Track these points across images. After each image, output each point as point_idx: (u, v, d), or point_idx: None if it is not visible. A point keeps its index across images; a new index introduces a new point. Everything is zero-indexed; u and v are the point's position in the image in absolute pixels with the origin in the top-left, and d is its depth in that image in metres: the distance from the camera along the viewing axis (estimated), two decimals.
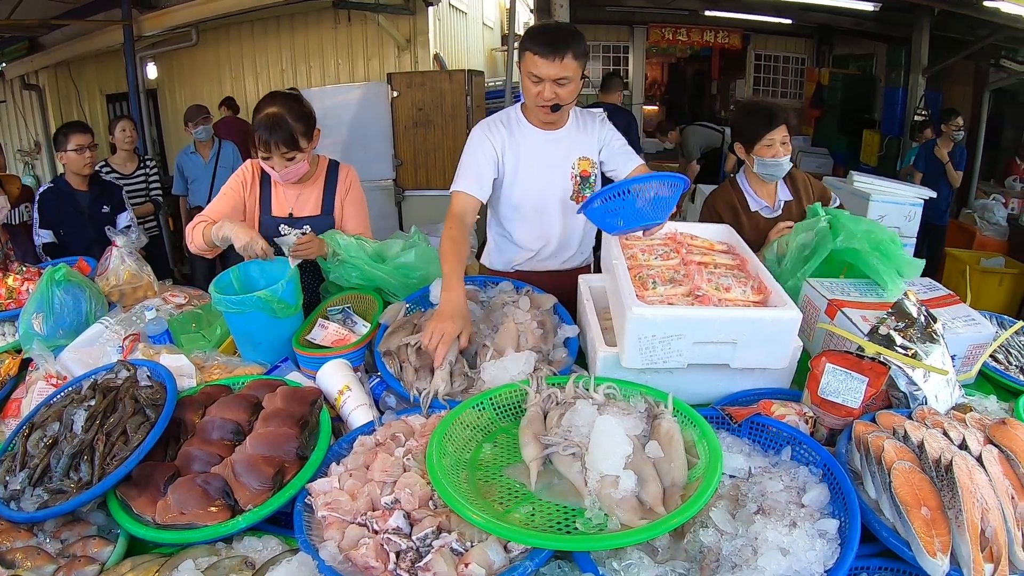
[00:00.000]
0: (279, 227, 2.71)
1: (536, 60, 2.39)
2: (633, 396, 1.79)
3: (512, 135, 2.66)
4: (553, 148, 2.67)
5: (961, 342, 2.17)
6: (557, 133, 2.67)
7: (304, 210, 2.79)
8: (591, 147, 2.71)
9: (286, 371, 2.19)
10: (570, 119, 2.69)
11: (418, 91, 7.04)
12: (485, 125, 2.70)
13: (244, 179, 2.75)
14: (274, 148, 2.51)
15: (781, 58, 13.76)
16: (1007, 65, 7.94)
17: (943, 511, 1.38)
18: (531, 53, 2.40)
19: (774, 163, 2.88)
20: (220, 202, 2.71)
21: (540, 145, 2.67)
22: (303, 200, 2.80)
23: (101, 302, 2.65)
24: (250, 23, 8.90)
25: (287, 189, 2.77)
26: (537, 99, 2.48)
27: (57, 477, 1.64)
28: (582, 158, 2.69)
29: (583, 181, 2.71)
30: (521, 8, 10.26)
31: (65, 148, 4.13)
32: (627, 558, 1.38)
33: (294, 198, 2.79)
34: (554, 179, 2.69)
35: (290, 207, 2.78)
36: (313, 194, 2.81)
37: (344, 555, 1.39)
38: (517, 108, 2.72)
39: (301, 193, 2.79)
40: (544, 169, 2.68)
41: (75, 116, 8.89)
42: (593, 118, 2.75)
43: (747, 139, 2.92)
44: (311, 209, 2.80)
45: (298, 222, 2.75)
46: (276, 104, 2.54)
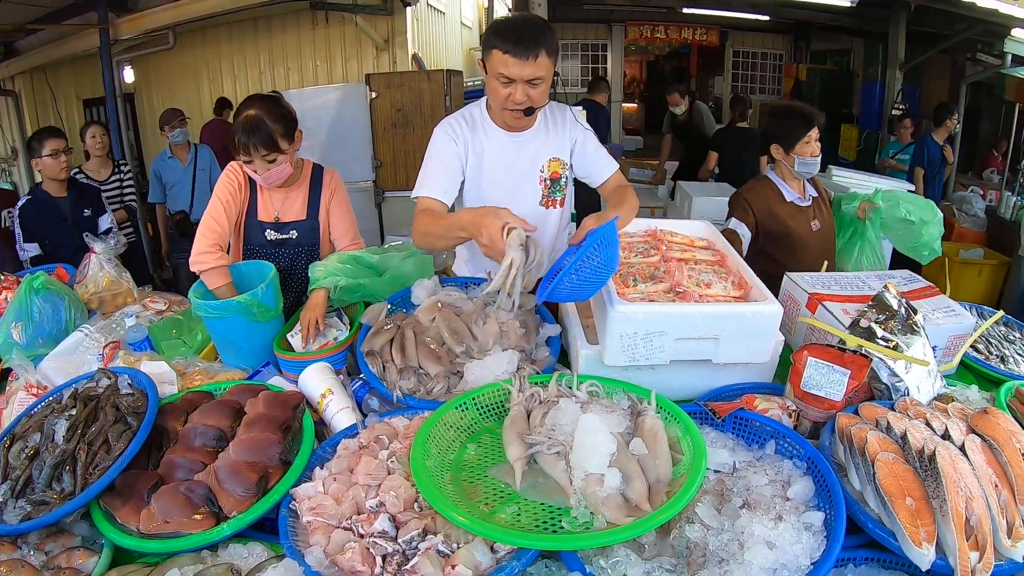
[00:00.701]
0: (265, 232, 2.71)
1: (506, 59, 2.18)
2: (616, 393, 1.80)
3: (475, 136, 2.48)
4: (520, 151, 2.52)
5: (942, 333, 2.19)
6: (524, 135, 2.51)
7: (290, 214, 2.76)
8: (562, 146, 2.56)
9: (268, 376, 2.18)
10: (538, 117, 2.51)
11: (397, 92, 7.01)
12: (447, 124, 2.49)
13: (238, 183, 2.66)
14: (254, 151, 2.46)
15: (759, 54, 13.90)
16: (983, 59, 8.02)
17: (927, 501, 1.39)
18: (500, 51, 2.18)
19: (813, 161, 3.19)
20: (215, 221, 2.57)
21: (506, 148, 2.50)
22: (288, 204, 2.76)
23: (80, 310, 2.62)
24: (227, 25, 8.85)
25: (273, 194, 2.73)
26: (507, 102, 2.29)
27: (39, 488, 1.61)
28: (552, 159, 2.55)
29: (553, 184, 2.59)
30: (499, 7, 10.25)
31: (40, 154, 4.08)
32: (614, 556, 1.38)
33: (280, 202, 2.75)
34: (521, 185, 2.56)
35: (276, 211, 2.74)
36: (298, 198, 2.77)
37: (330, 560, 1.38)
38: (481, 106, 2.52)
39: (287, 197, 2.75)
40: (510, 175, 2.53)
41: (52, 121, 8.78)
42: (564, 113, 2.59)
43: (786, 141, 3.19)
44: (297, 213, 2.76)
45: (284, 227, 2.74)
46: (255, 107, 2.50)
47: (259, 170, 2.53)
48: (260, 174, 2.54)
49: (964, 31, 7.61)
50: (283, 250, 2.75)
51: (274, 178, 2.59)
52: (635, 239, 2.39)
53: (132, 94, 9.34)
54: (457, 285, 2.49)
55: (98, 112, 8.90)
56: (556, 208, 2.66)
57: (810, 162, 3.18)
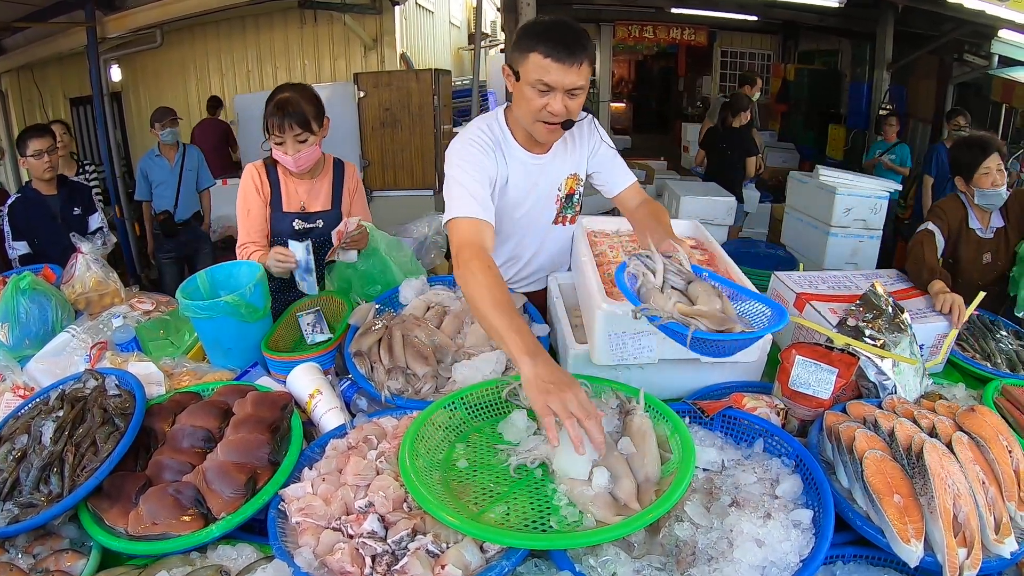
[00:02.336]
0: (292, 222, 2.75)
1: (548, 64, 1.93)
2: (604, 392, 1.79)
3: (503, 157, 2.25)
4: (540, 173, 2.33)
5: (928, 332, 2.21)
6: (544, 157, 2.31)
7: (315, 204, 2.80)
8: (580, 162, 2.40)
9: (256, 376, 2.17)
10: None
11: (385, 91, 7.00)
12: (479, 144, 2.18)
13: (256, 183, 2.71)
14: (288, 129, 2.53)
15: (747, 54, 13.94)
16: (970, 59, 8.06)
17: (915, 498, 1.40)
18: (540, 55, 1.93)
19: (993, 193, 3.03)
20: (251, 220, 2.70)
21: (528, 172, 2.31)
22: (314, 194, 2.80)
23: (67, 310, 2.61)
24: (215, 24, 8.82)
25: (298, 184, 2.77)
26: (543, 113, 2.03)
27: (27, 490, 1.60)
28: (570, 176, 2.39)
29: (567, 201, 2.44)
30: (488, 7, 10.25)
31: (24, 154, 4.06)
32: (603, 555, 1.38)
33: (305, 193, 2.78)
34: (538, 205, 2.41)
35: (301, 201, 2.78)
36: (323, 188, 2.82)
37: (320, 561, 1.37)
38: (501, 121, 2.27)
39: (312, 188, 2.80)
40: (529, 197, 2.36)
41: (38, 120, 8.72)
42: (582, 125, 2.34)
43: (966, 171, 3.09)
44: (322, 203, 2.82)
45: (311, 216, 2.78)
46: (289, 90, 2.59)
47: (290, 151, 2.58)
48: (291, 155, 2.58)
49: (951, 32, 7.64)
50: (308, 237, 2.67)
51: (304, 160, 2.63)
52: (623, 238, 2.39)
53: (120, 93, 9.29)
54: (445, 284, 2.50)
55: (85, 111, 8.86)
56: (566, 226, 2.51)
57: (990, 194, 3.04)
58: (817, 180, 5.23)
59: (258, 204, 2.71)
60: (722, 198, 5.89)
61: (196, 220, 5.84)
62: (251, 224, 2.69)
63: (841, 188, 4.98)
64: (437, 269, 5.43)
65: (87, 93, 8.02)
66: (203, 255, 5.84)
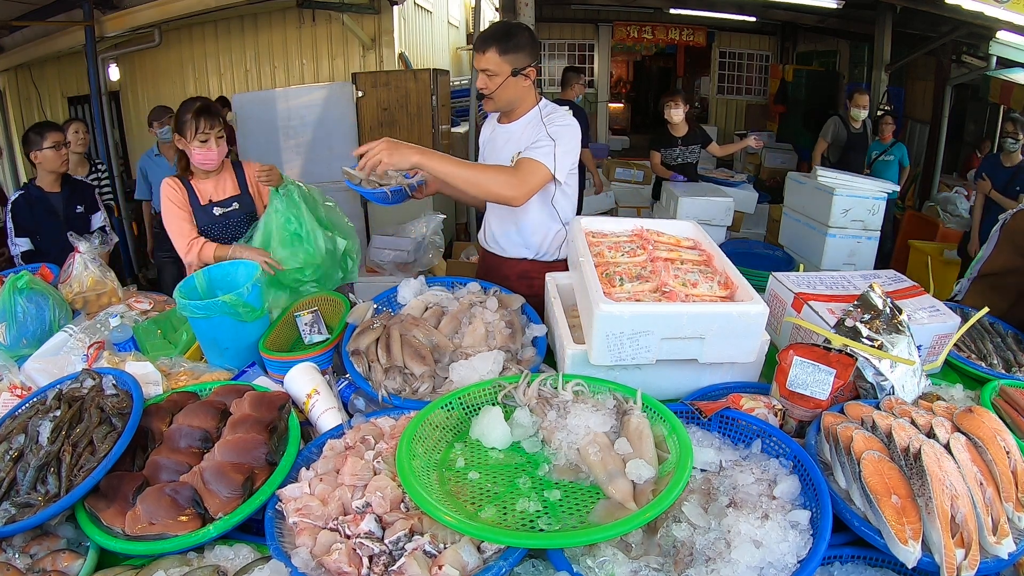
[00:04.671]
0: (212, 210, 3.14)
1: (473, 55, 2.69)
2: (602, 393, 1.80)
3: (492, 127, 2.94)
4: (501, 141, 2.83)
5: (926, 332, 2.21)
6: (508, 127, 2.81)
7: (224, 194, 3.20)
8: (526, 143, 2.68)
9: (253, 376, 2.17)
10: (528, 115, 2.75)
11: (383, 91, 6.99)
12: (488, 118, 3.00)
13: (175, 191, 3.11)
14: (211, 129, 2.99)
15: (745, 55, 13.95)
16: (968, 60, 8.08)
17: (913, 499, 1.40)
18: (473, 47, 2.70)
19: None
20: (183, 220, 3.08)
21: (497, 137, 2.87)
22: (218, 187, 3.20)
23: (65, 310, 2.61)
24: (213, 23, 8.79)
25: (204, 182, 3.16)
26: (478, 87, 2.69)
27: (24, 490, 1.60)
28: (519, 153, 2.67)
29: None
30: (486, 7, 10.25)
31: (41, 147, 4.03)
32: (601, 555, 1.39)
33: (211, 189, 3.17)
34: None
35: (210, 196, 3.16)
36: (224, 181, 3.22)
37: (317, 561, 1.37)
38: None
39: (216, 183, 3.19)
40: (491, 160, 2.86)
41: (36, 119, 8.70)
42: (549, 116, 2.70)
43: None
44: (231, 191, 3.23)
45: (225, 202, 3.19)
46: (200, 100, 3.08)
47: (213, 146, 3.03)
48: (214, 150, 3.04)
49: (949, 33, 7.66)
50: (229, 221, 3.18)
51: (221, 155, 3.09)
52: (622, 239, 2.39)
53: (118, 92, 9.27)
54: (443, 285, 2.50)
55: (83, 110, 8.84)
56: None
57: None
58: (815, 181, 5.22)
59: (183, 206, 3.10)
60: (720, 199, 5.90)
61: None
62: (187, 224, 3.07)
63: (839, 189, 4.97)
64: (435, 270, 5.42)
65: (85, 92, 8.01)
66: None
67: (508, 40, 2.55)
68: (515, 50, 2.56)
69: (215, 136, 3.01)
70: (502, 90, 2.62)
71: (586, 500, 1.51)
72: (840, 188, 4.99)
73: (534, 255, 2.88)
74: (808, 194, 5.34)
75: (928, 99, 8.84)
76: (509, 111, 2.78)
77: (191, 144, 3.00)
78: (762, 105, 13.55)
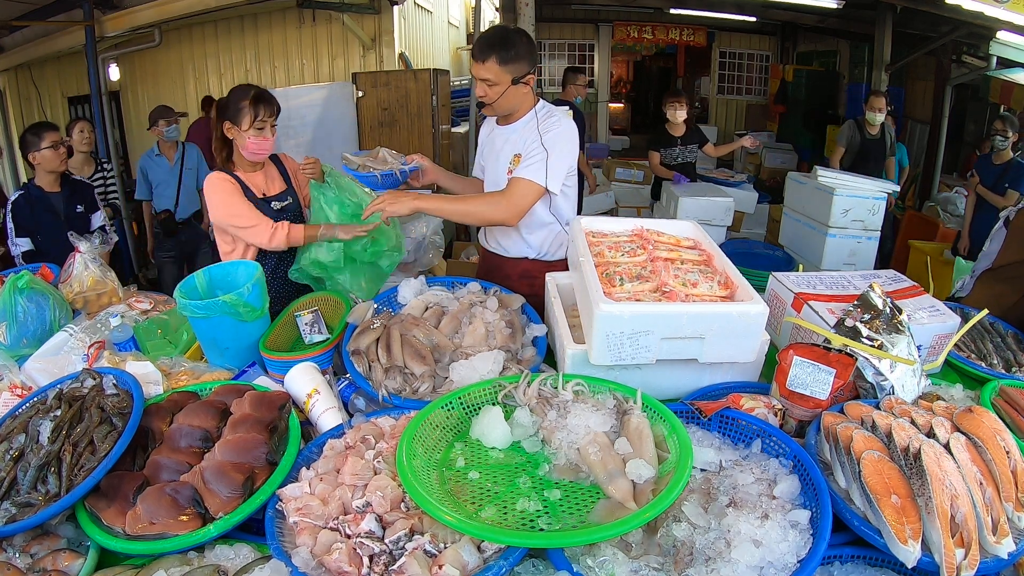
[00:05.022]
0: (271, 204, 2.95)
1: (471, 61, 2.64)
2: (602, 392, 1.80)
3: (490, 127, 2.94)
4: (500, 142, 2.84)
5: (926, 332, 2.21)
6: (507, 129, 2.81)
7: (273, 189, 3.03)
8: (522, 147, 2.72)
9: (253, 376, 2.17)
10: (525, 118, 2.75)
11: (383, 91, 6.99)
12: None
13: (231, 185, 2.88)
14: (265, 113, 2.81)
15: (746, 55, 13.95)
16: (968, 61, 8.07)
17: (913, 499, 1.40)
18: (470, 55, 2.67)
19: None
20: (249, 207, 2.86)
21: (495, 138, 2.88)
22: (269, 182, 3.04)
23: (65, 309, 2.61)
24: (214, 23, 8.80)
25: (253, 177, 2.97)
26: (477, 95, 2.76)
27: (24, 490, 1.60)
28: (516, 155, 2.73)
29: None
30: (486, 7, 10.25)
31: (39, 147, 4.04)
32: (601, 554, 1.39)
33: (262, 183, 3.00)
34: (495, 169, 2.86)
35: (263, 189, 2.98)
36: (272, 175, 3.08)
37: (317, 560, 1.37)
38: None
39: (264, 177, 3.03)
40: (489, 159, 2.91)
41: (36, 119, 8.70)
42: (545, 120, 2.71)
43: None
44: (279, 187, 3.06)
45: (281, 196, 3.02)
46: (253, 88, 2.87)
47: (269, 135, 2.86)
48: (270, 139, 2.88)
49: (949, 33, 7.65)
50: (285, 216, 2.97)
51: (272, 146, 2.92)
52: (622, 239, 2.39)
53: (118, 92, 9.27)
54: (443, 285, 2.50)
55: (83, 110, 8.84)
56: None
57: None
58: (815, 181, 5.22)
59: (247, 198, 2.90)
60: (720, 199, 5.90)
61: (196, 219, 5.83)
62: (251, 210, 2.85)
63: (839, 189, 4.97)
64: (435, 270, 5.41)
65: (85, 92, 8.00)
66: (202, 254, 5.83)
67: (508, 50, 2.54)
68: (515, 59, 2.55)
69: (271, 124, 2.87)
70: (503, 99, 2.63)
71: (586, 500, 1.51)
72: (840, 188, 4.99)
73: (536, 255, 2.89)
74: (808, 194, 5.33)
75: (928, 99, 8.84)
76: (508, 114, 2.78)
77: (246, 133, 2.81)
78: (762, 105, 13.55)
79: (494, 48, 2.53)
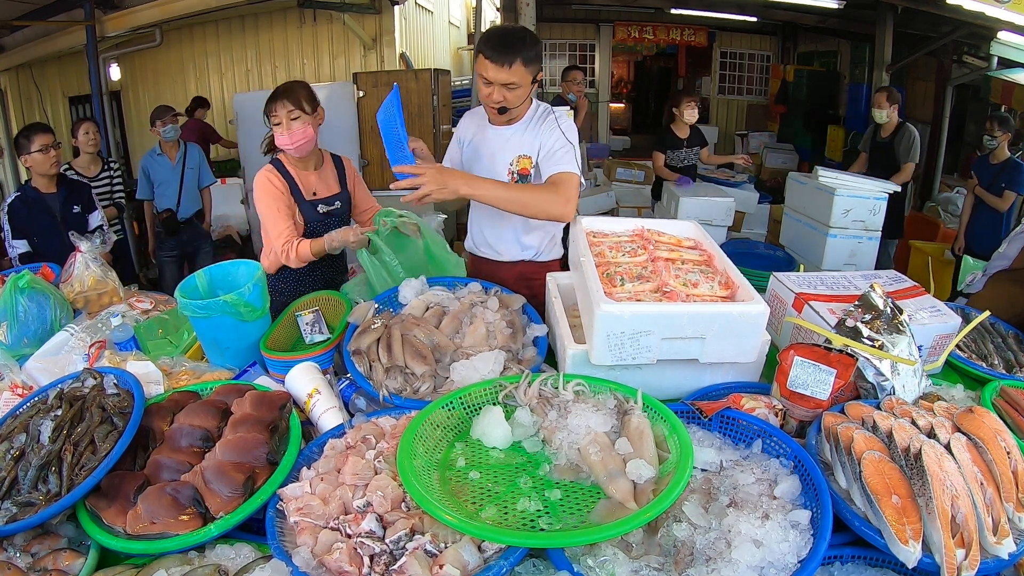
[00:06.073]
0: (317, 207, 2.99)
1: (486, 64, 2.46)
2: (602, 392, 1.80)
3: (474, 125, 2.86)
4: (500, 143, 2.75)
5: (927, 332, 2.21)
6: (507, 129, 2.73)
7: (326, 190, 3.05)
8: (532, 147, 2.69)
9: (254, 375, 2.17)
10: (526, 116, 2.72)
11: (384, 90, 6.93)
12: (468, 113, 2.95)
13: (276, 184, 2.89)
14: (280, 107, 2.78)
15: (746, 55, 13.95)
16: (969, 61, 8.07)
17: (913, 499, 1.40)
18: (483, 56, 2.47)
19: None
20: (281, 216, 2.86)
21: (490, 138, 2.77)
22: (322, 182, 3.05)
23: (66, 309, 2.61)
24: (214, 23, 8.82)
25: (307, 176, 2.99)
26: (487, 100, 2.57)
27: (25, 489, 1.60)
28: (522, 156, 2.71)
29: (521, 179, 2.73)
30: (487, 7, 10.25)
31: (29, 150, 4.05)
32: (601, 554, 1.39)
33: (315, 183, 3.02)
34: (493, 171, 2.73)
35: (314, 190, 3.01)
36: (328, 176, 3.09)
37: (318, 560, 1.37)
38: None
39: (319, 177, 3.03)
40: (485, 160, 2.78)
41: (37, 119, 8.73)
42: (549, 117, 2.71)
43: None
44: (331, 188, 3.08)
45: (330, 199, 3.05)
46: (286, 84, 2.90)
47: (285, 129, 2.80)
48: (286, 133, 2.80)
49: (950, 33, 7.65)
50: (332, 220, 3.01)
51: (299, 136, 2.82)
52: (623, 239, 2.39)
53: (119, 92, 9.29)
54: (444, 285, 2.50)
55: (84, 110, 8.85)
56: None
57: None
58: (816, 181, 5.22)
59: (285, 200, 2.89)
60: (721, 199, 5.90)
61: (197, 218, 5.85)
62: (283, 219, 2.84)
63: (840, 189, 4.97)
64: None
65: (86, 92, 8.03)
66: (203, 253, 5.85)
67: (531, 49, 2.46)
68: (536, 59, 2.50)
69: (288, 118, 2.79)
70: (524, 102, 2.60)
71: (587, 500, 1.51)
72: (841, 188, 4.99)
73: (533, 255, 2.89)
74: (809, 194, 5.33)
75: (929, 99, 8.83)
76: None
77: (275, 130, 2.86)
78: (763, 105, 13.55)
79: (519, 50, 2.43)
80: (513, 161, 2.71)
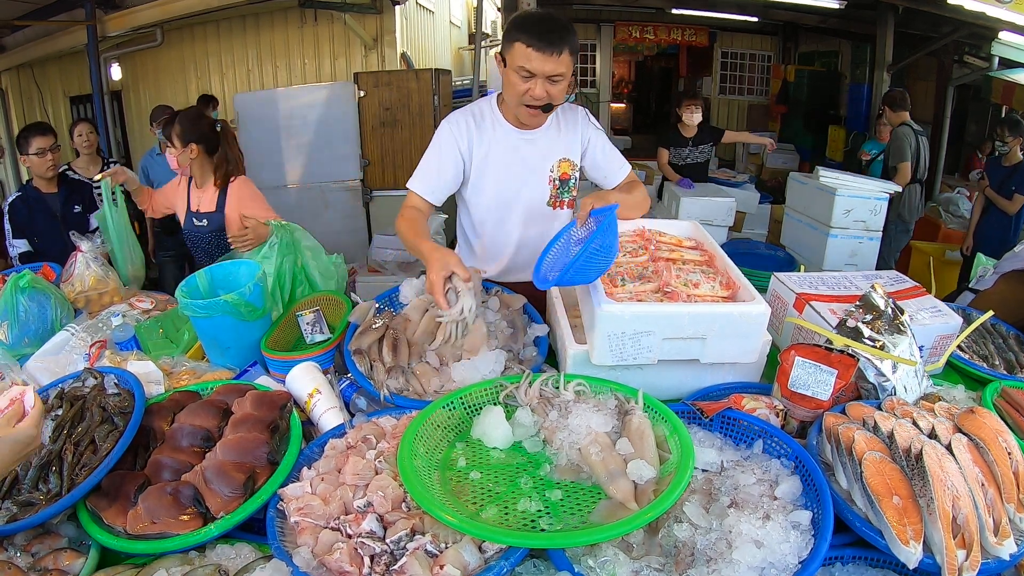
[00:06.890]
0: (193, 219, 3.41)
1: (529, 53, 2.15)
2: (603, 393, 1.80)
3: (482, 132, 2.46)
4: (530, 149, 2.49)
5: (928, 333, 2.20)
6: (534, 133, 2.48)
7: (203, 207, 3.39)
8: (572, 147, 2.53)
9: (255, 375, 2.17)
10: (555, 116, 2.51)
11: (385, 90, 6.99)
12: (453, 121, 2.46)
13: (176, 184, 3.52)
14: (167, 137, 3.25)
15: (747, 55, 13.94)
16: (969, 61, 8.07)
17: (914, 499, 1.40)
18: (523, 45, 2.15)
19: None
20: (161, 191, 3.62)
21: (516, 145, 2.48)
22: (205, 200, 3.39)
23: (67, 309, 2.61)
24: (215, 23, 8.81)
25: (195, 190, 3.43)
26: (525, 97, 2.26)
27: (26, 489, 1.60)
28: (563, 160, 2.53)
29: (562, 185, 2.56)
30: (488, 7, 10.25)
31: (27, 152, 4.05)
32: (602, 555, 1.38)
33: (198, 199, 3.41)
34: (530, 183, 2.53)
35: (197, 204, 3.41)
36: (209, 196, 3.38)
37: (318, 560, 1.37)
38: (492, 101, 2.49)
39: (202, 195, 3.40)
40: (519, 172, 2.50)
41: (38, 118, 8.72)
42: (575, 114, 2.56)
43: None
44: (207, 207, 3.37)
45: (200, 215, 3.40)
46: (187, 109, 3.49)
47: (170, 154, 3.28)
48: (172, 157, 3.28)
49: (951, 33, 7.65)
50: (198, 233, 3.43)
51: (175, 164, 3.29)
52: (624, 239, 2.39)
53: (119, 91, 9.29)
54: None
55: (85, 109, 8.86)
56: (564, 209, 2.62)
57: None
58: (817, 181, 5.22)
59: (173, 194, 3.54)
60: (722, 199, 5.90)
61: None
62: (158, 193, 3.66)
63: (841, 189, 4.97)
64: None
65: (87, 92, 8.04)
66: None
67: (575, 36, 2.21)
68: (578, 47, 2.26)
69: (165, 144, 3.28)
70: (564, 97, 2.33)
71: (587, 500, 1.51)
72: (842, 188, 4.99)
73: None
74: (810, 195, 5.33)
75: (930, 100, 8.83)
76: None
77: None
78: (764, 105, 13.55)
79: (566, 37, 2.16)
80: (553, 167, 2.53)
